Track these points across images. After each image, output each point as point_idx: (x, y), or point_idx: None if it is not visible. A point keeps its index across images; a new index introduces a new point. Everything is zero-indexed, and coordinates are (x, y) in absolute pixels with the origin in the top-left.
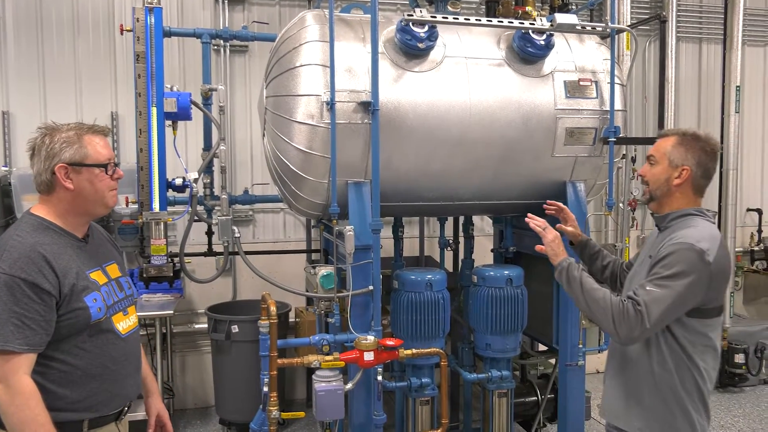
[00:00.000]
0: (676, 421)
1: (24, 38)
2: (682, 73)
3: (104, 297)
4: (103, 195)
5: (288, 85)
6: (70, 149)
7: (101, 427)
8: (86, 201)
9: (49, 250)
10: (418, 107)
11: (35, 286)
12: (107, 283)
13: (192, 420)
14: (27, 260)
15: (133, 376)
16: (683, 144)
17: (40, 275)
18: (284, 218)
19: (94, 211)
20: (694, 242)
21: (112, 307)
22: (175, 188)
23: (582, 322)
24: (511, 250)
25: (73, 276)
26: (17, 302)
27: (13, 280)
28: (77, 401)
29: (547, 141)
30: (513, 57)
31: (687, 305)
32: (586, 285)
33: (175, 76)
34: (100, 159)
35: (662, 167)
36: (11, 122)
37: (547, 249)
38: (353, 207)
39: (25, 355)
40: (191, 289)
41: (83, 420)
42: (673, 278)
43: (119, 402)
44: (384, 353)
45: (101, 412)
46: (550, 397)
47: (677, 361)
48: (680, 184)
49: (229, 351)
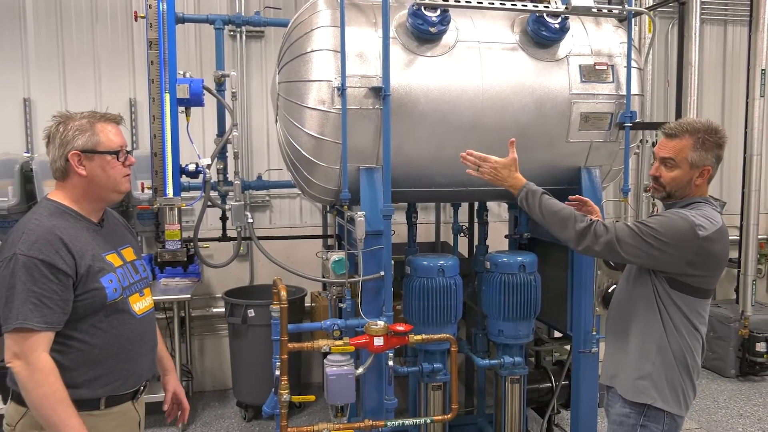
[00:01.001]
0: (661, 378)
1: (44, 27)
2: (705, 57)
3: (119, 278)
4: (115, 181)
5: (300, 71)
6: (83, 137)
7: (118, 405)
8: (99, 187)
9: (65, 233)
10: (429, 92)
11: (52, 266)
12: (122, 266)
13: (210, 402)
14: (44, 242)
15: (148, 356)
16: (702, 146)
17: (57, 256)
18: (300, 204)
19: (108, 196)
20: (689, 215)
21: (128, 289)
22: (189, 174)
23: (596, 309)
24: (526, 236)
25: (89, 258)
26: (35, 282)
27: (31, 261)
28: (94, 379)
29: (562, 126)
30: (527, 41)
31: (658, 263)
32: (546, 203)
33: (192, 63)
34: (112, 146)
35: (683, 171)
36: (33, 109)
37: (485, 177)
38: (364, 193)
39: (43, 333)
40: (209, 274)
41: (100, 397)
42: (653, 231)
43: (135, 380)
44: (394, 338)
45: (118, 390)
46: (565, 384)
47: (675, 323)
48: (701, 183)
49: (246, 335)
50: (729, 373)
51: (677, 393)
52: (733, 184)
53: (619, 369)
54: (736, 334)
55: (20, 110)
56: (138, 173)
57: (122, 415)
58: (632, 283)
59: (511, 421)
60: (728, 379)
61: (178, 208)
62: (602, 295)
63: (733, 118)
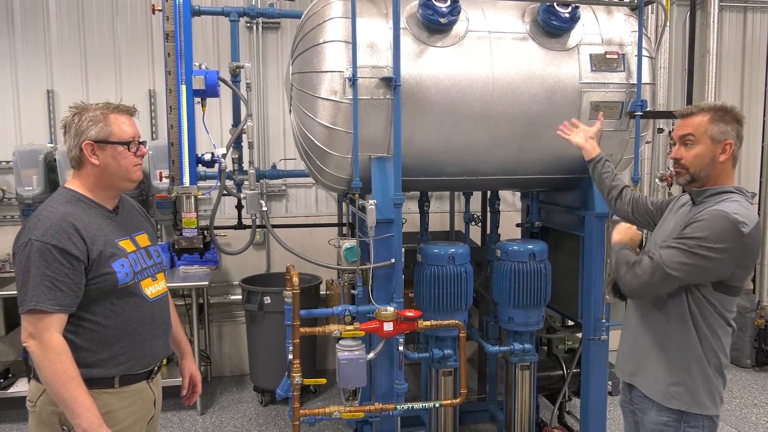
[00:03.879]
0: (697, 386)
1: (66, 20)
2: (724, 44)
3: (131, 263)
4: (127, 170)
5: (312, 62)
6: (96, 127)
7: (132, 384)
8: (111, 176)
9: (78, 219)
10: (440, 82)
11: (65, 251)
12: (135, 251)
13: (228, 387)
14: (58, 229)
15: (161, 338)
16: (720, 118)
17: (70, 242)
18: (317, 193)
19: (120, 185)
20: (730, 212)
21: (140, 273)
22: (205, 163)
23: (606, 297)
24: (537, 225)
25: (101, 243)
26: (49, 266)
27: (45, 246)
28: (108, 359)
29: (572, 115)
30: (537, 30)
31: (712, 273)
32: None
33: (210, 55)
34: (124, 137)
35: (704, 146)
36: (56, 101)
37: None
38: (376, 181)
39: (56, 315)
40: (227, 262)
41: (114, 376)
42: (701, 240)
43: (148, 361)
44: (403, 324)
45: (131, 370)
46: (576, 372)
47: (711, 326)
48: (725, 160)
49: (262, 321)
50: (744, 363)
51: (713, 395)
52: (752, 173)
53: (642, 369)
54: (752, 325)
55: (44, 102)
56: (157, 163)
57: (137, 393)
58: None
59: (521, 407)
60: (744, 369)
61: (194, 196)
62: (612, 283)
63: (752, 106)
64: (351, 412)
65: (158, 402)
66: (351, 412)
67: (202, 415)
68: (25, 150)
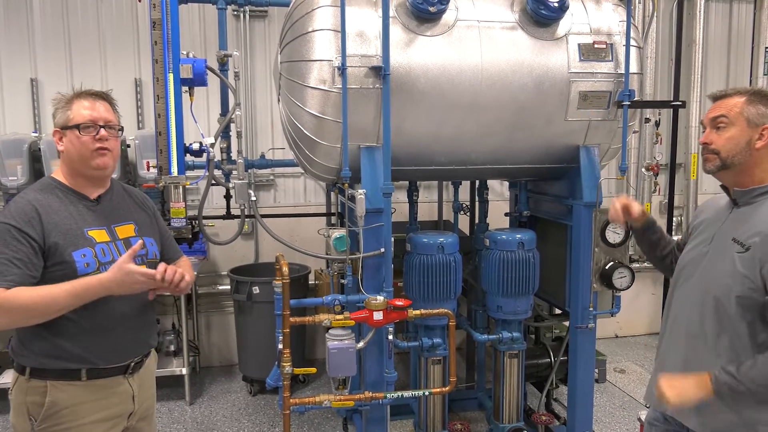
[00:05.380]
0: None
1: (50, 7)
2: (711, 34)
3: (98, 254)
4: (83, 156)
5: (301, 51)
6: (60, 113)
7: (103, 378)
8: (73, 162)
9: (44, 206)
10: (429, 71)
11: (22, 231)
12: (108, 242)
13: (217, 377)
14: (20, 212)
15: (132, 334)
16: (759, 100)
17: (29, 225)
18: (305, 183)
19: (85, 171)
20: None
21: (107, 265)
22: (193, 153)
23: (593, 286)
24: (525, 215)
25: (62, 230)
26: (7, 245)
27: (5, 226)
28: (71, 351)
29: (560, 105)
30: (526, 20)
31: None
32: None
33: (196, 43)
34: (78, 120)
35: (739, 129)
36: (40, 89)
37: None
38: (365, 171)
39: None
40: (215, 252)
41: (80, 369)
42: None
43: (119, 357)
44: (393, 313)
45: (97, 364)
46: (564, 360)
47: None
48: (762, 146)
49: (251, 311)
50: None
51: None
52: None
53: (699, 411)
54: None
55: (28, 90)
56: (144, 152)
57: (108, 388)
58: (712, 329)
59: (509, 394)
60: None
61: (182, 186)
62: (600, 272)
63: None
64: (341, 400)
65: (139, 398)
66: (341, 400)
67: (191, 405)
68: (8, 139)
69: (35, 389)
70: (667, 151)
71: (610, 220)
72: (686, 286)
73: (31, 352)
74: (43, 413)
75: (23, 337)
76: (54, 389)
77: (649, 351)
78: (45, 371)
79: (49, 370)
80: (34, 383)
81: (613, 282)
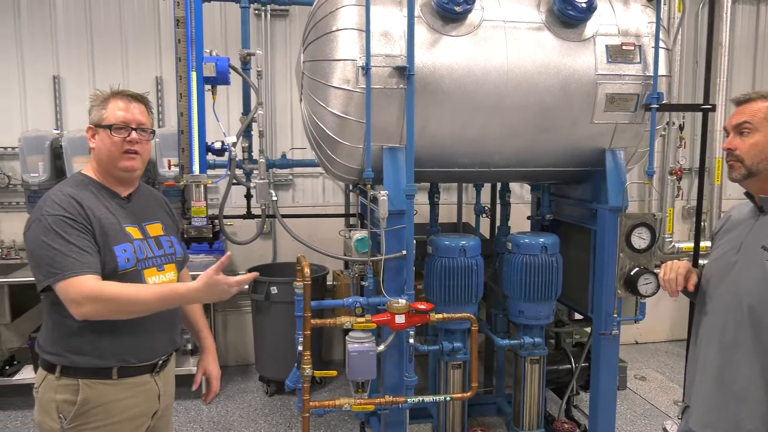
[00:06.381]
0: None
1: (72, 5)
2: (737, 37)
3: (136, 250)
4: (112, 156)
5: (324, 50)
6: (95, 110)
7: (133, 377)
8: (102, 160)
9: (84, 200)
10: (454, 72)
11: (76, 221)
12: (142, 240)
13: (233, 377)
14: (66, 203)
15: (165, 331)
16: None
17: (79, 215)
18: (323, 183)
19: (112, 171)
20: None
21: (144, 261)
22: (215, 152)
23: (618, 292)
24: (548, 218)
25: (105, 225)
26: (69, 234)
27: (57, 218)
28: (103, 348)
29: (587, 107)
30: (553, 20)
31: None
32: None
33: (217, 42)
34: (111, 120)
35: (764, 134)
36: (62, 87)
37: None
38: (388, 172)
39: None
40: (233, 251)
41: (111, 367)
42: None
43: (149, 354)
44: (415, 316)
45: (128, 362)
46: (584, 366)
47: None
48: None
49: (268, 311)
50: None
51: None
52: None
53: None
54: None
55: (50, 88)
56: (164, 150)
57: (137, 386)
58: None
59: (529, 401)
60: None
61: (204, 185)
62: (624, 277)
63: None
64: (361, 404)
65: (164, 397)
66: (361, 404)
67: (207, 405)
68: (30, 136)
69: (66, 387)
70: (690, 155)
71: (663, 289)
72: (715, 296)
73: (64, 350)
74: (74, 412)
75: (54, 335)
76: (86, 387)
77: (670, 358)
78: (76, 369)
79: (80, 368)
80: (65, 381)
81: (638, 288)
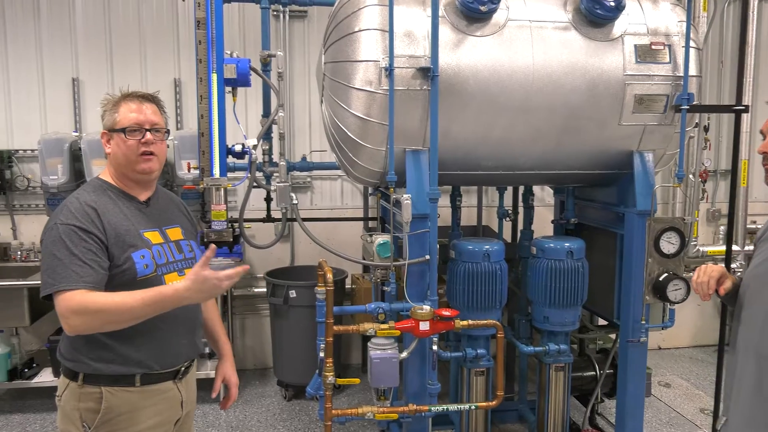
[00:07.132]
0: None
1: (91, 7)
2: (763, 36)
3: (155, 255)
4: (128, 159)
5: (346, 51)
6: (108, 115)
7: (155, 384)
8: (120, 165)
9: (100, 206)
10: (478, 73)
11: (88, 231)
12: (162, 244)
13: (251, 380)
14: (81, 212)
15: (186, 337)
16: None
17: (92, 225)
18: (342, 185)
19: (131, 175)
20: None
21: (164, 266)
22: (235, 154)
23: (646, 298)
24: (572, 222)
25: (122, 232)
26: (75, 246)
27: (69, 228)
28: (127, 355)
29: (614, 108)
30: (580, 20)
31: None
32: None
33: (235, 43)
34: (124, 123)
35: None
36: (81, 89)
37: None
38: (411, 175)
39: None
40: (251, 254)
41: (135, 374)
42: None
43: (171, 361)
44: (440, 323)
45: (152, 369)
46: (609, 372)
47: None
48: None
49: (287, 315)
50: None
51: None
52: None
53: None
54: None
55: (69, 90)
56: (182, 153)
57: (161, 393)
58: None
59: (554, 408)
60: None
61: (224, 188)
62: (653, 283)
63: None
64: (384, 413)
65: (186, 404)
66: (384, 413)
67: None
68: (50, 138)
69: (89, 395)
70: (715, 157)
71: (695, 292)
72: (756, 302)
73: (86, 357)
74: (98, 420)
75: (76, 342)
76: (109, 395)
77: (694, 364)
78: (99, 377)
79: (102, 376)
80: (88, 389)
81: (667, 294)
